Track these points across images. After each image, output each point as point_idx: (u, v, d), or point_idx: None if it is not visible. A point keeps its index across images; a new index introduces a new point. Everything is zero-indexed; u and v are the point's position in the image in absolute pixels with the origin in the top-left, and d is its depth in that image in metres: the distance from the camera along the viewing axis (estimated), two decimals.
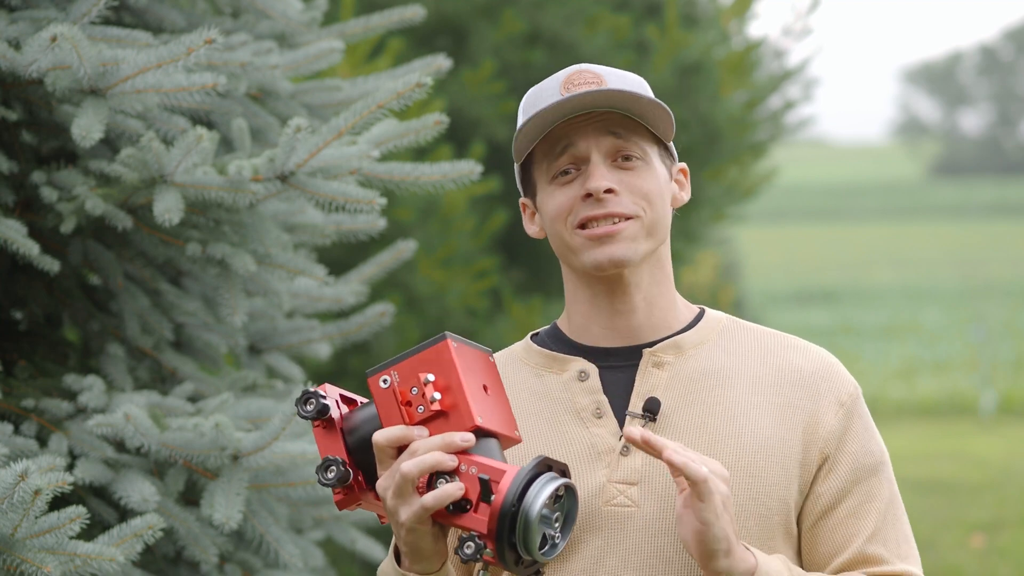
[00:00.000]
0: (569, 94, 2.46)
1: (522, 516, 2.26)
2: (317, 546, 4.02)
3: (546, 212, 2.51)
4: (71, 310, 3.97)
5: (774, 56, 10.38)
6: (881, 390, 18.16)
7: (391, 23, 4.27)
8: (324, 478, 2.35)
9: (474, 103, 8.37)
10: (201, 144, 3.59)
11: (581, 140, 2.47)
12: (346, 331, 4.30)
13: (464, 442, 2.29)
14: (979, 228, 50.96)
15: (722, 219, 10.72)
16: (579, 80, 2.48)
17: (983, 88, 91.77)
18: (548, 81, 2.52)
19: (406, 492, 2.29)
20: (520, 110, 2.54)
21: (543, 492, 2.27)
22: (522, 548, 2.27)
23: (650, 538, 2.44)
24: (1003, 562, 10.35)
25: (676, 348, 2.52)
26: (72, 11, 3.62)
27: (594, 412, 2.50)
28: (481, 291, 7.76)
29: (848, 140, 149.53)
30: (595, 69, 2.50)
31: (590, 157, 2.47)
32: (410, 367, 2.34)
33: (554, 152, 2.48)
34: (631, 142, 2.48)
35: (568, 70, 2.51)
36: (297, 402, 2.37)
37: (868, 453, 2.51)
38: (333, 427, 2.38)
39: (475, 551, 2.25)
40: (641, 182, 2.47)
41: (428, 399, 2.31)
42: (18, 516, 3.15)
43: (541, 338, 2.60)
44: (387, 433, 2.31)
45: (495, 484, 2.26)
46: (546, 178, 2.50)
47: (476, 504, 2.27)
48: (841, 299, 30.31)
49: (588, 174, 2.46)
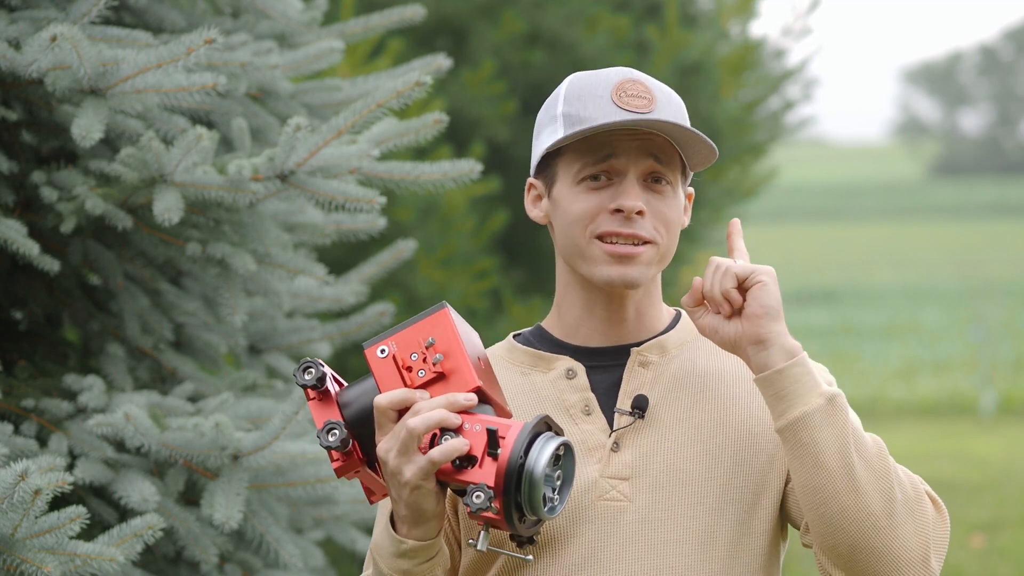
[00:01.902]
0: (625, 109, 2.47)
1: (527, 471, 2.29)
2: (317, 546, 4.02)
3: (566, 211, 2.52)
4: (71, 310, 3.97)
5: (774, 56, 10.39)
6: (881, 390, 18.16)
7: (391, 23, 4.27)
8: (326, 441, 2.37)
9: (474, 103, 8.37)
10: (201, 144, 3.59)
11: (623, 154, 2.49)
12: (346, 331, 4.30)
13: (467, 401, 2.33)
14: (979, 228, 50.97)
15: (722, 219, 10.72)
16: (632, 91, 2.49)
17: (983, 88, 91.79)
18: (597, 79, 2.52)
19: (411, 449, 2.31)
20: (562, 97, 2.52)
21: (547, 448, 2.31)
22: (526, 505, 2.30)
23: (643, 531, 2.48)
24: (1003, 562, 10.35)
25: (660, 348, 2.57)
26: (72, 11, 3.62)
27: (583, 409, 2.53)
28: (481, 291, 7.76)
29: (848, 140, 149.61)
30: (646, 81, 2.51)
31: (627, 173, 2.49)
32: (410, 335, 2.37)
33: (592, 156, 2.50)
34: (667, 167, 2.51)
35: (619, 74, 2.52)
36: (296, 371, 2.39)
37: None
38: (329, 399, 2.40)
39: (484, 500, 2.28)
40: (666, 208, 2.51)
41: (430, 361, 2.34)
42: (18, 516, 3.15)
43: (525, 338, 2.62)
44: (389, 396, 2.34)
45: (501, 439, 2.29)
46: (573, 176, 2.51)
47: (481, 459, 2.30)
48: (841, 299, 30.31)
49: (623, 191, 2.48)
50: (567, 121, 2.50)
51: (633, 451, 2.50)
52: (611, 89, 2.49)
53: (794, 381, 2.40)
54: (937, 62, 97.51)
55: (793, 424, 2.39)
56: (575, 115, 2.49)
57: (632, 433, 2.51)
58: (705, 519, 2.48)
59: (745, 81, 9.59)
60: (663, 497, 2.49)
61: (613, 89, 2.49)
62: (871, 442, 2.43)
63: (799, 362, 2.41)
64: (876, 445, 2.43)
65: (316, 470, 3.70)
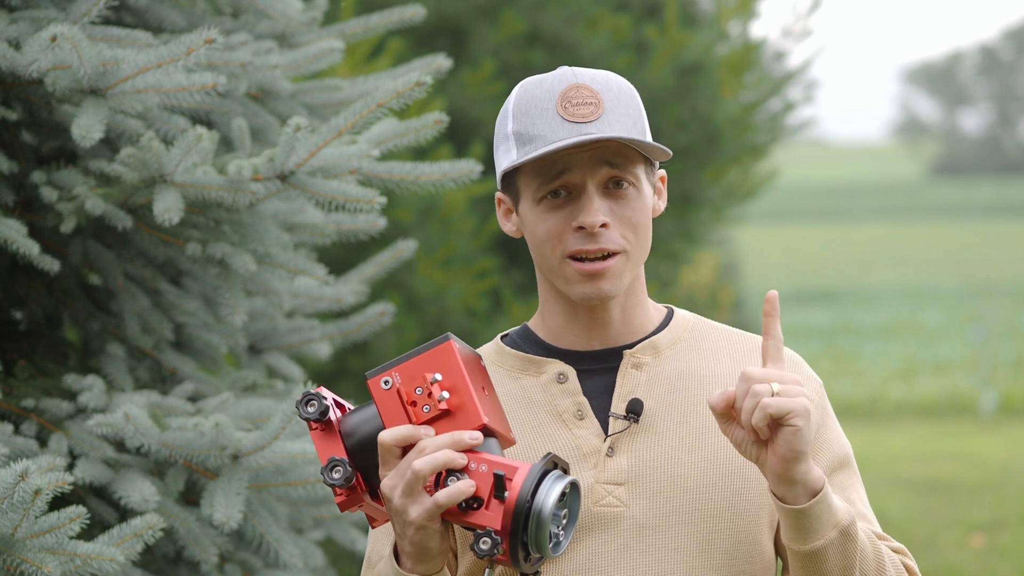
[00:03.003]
0: (571, 121, 2.42)
1: (535, 512, 2.27)
2: (317, 546, 4.02)
3: (533, 232, 2.48)
4: (71, 310, 3.97)
5: (775, 58, 10.38)
6: (881, 390, 18.15)
7: (391, 23, 4.27)
8: (330, 478, 2.35)
9: (474, 103, 8.37)
10: (201, 144, 3.59)
11: (577, 168, 2.44)
12: (346, 331, 4.30)
13: (473, 440, 2.30)
14: (979, 228, 50.96)
15: (722, 220, 10.73)
16: (577, 99, 2.44)
17: (983, 88, 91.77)
18: (541, 89, 2.46)
19: (416, 490, 2.29)
20: (511, 114, 2.48)
21: (554, 489, 2.29)
22: (532, 545, 2.28)
23: (640, 537, 2.46)
24: (1003, 562, 10.35)
25: (653, 349, 2.54)
26: (72, 11, 3.62)
27: (575, 414, 2.50)
28: (481, 291, 7.76)
29: (848, 140, 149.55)
30: (591, 84, 2.45)
31: (584, 186, 2.44)
32: (414, 367, 2.33)
33: (546, 175, 2.45)
34: (624, 169, 2.45)
35: (562, 81, 2.46)
36: (298, 404, 2.37)
37: (841, 444, 2.56)
38: (332, 429, 2.37)
39: (492, 546, 2.26)
40: (631, 212, 2.46)
41: (436, 398, 2.32)
42: (18, 516, 3.15)
43: (512, 340, 2.59)
44: (394, 432, 2.31)
45: (508, 481, 2.27)
46: (533, 195, 2.47)
47: (488, 501, 2.28)
48: (841, 299, 30.30)
49: (583, 207, 2.44)
50: (518, 140, 2.45)
51: (629, 456, 2.48)
52: (555, 100, 2.44)
53: (814, 519, 2.36)
54: (937, 62, 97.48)
55: (806, 553, 2.38)
56: (524, 133, 2.44)
57: (627, 437, 2.48)
58: (703, 526, 2.46)
59: (745, 82, 9.58)
60: (660, 503, 2.46)
61: (558, 100, 2.44)
62: (873, 558, 2.42)
63: (821, 499, 2.36)
64: (876, 560, 2.43)
65: (316, 470, 3.70)
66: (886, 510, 11.70)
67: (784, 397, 2.31)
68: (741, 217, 12.26)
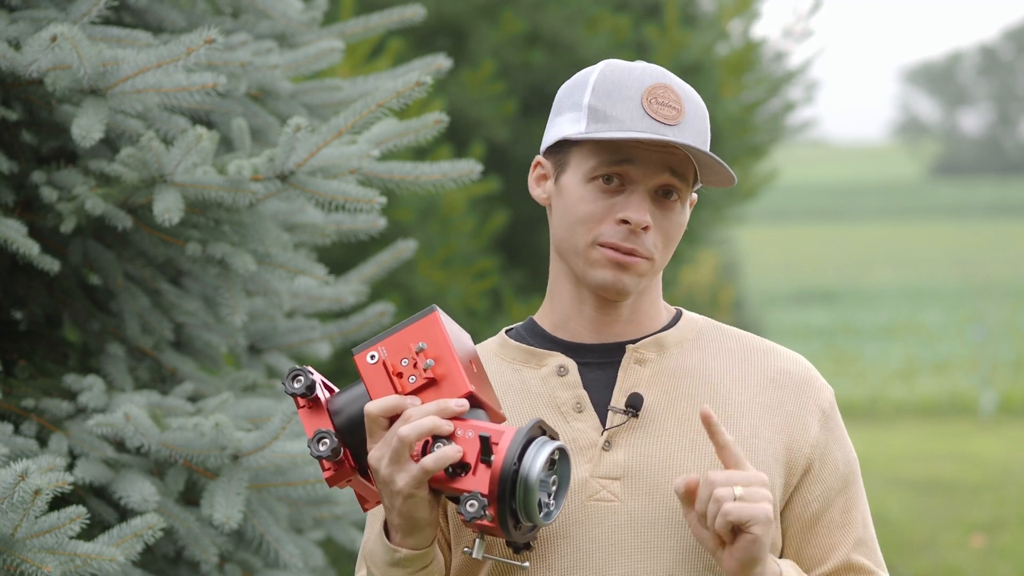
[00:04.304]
0: (653, 118, 2.42)
1: (522, 477, 2.27)
2: (317, 546, 4.02)
3: (572, 208, 2.47)
4: (71, 310, 3.97)
5: (775, 58, 10.38)
6: (881, 390, 18.15)
7: (391, 23, 4.27)
8: (316, 450, 2.34)
9: (474, 103, 8.37)
10: (201, 144, 3.59)
11: (641, 164, 2.44)
12: (346, 331, 4.30)
13: (459, 407, 2.30)
14: (979, 228, 50.96)
15: (722, 220, 10.73)
16: (663, 99, 2.44)
17: (983, 88, 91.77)
18: (630, 76, 2.46)
19: (403, 458, 2.29)
20: (591, 86, 2.46)
21: (542, 452, 2.28)
22: (521, 511, 2.28)
23: (635, 532, 2.44)
24: (1003, 562, 10.35)
25: (658, 346, 2.52)
26: (72, 11, 3.62)
27: (574, 407, 2.49)
28: (481, 291, 7.76)
29: (848, 140, 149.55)
30: (677, 89, 2.46)
31: (640, 183, 2.44)
32: (400, 340, 2.34)
33: (609, 157, 2.45)
34: (681, 181, 2.46)
35: (652, 76, 2.46)
36: (285, 379, 2.37)
37: (848, 462, 2.55)
38: (319, 406, 2.37)
39: (478, 508, 2.26)
40: (670, 225, 2.47)
41: (421, 367, 2.32)
42: (18, 516, 3.15)
43: (517, 332, 2.58)
44: (380, 403, 2.32)
45: (495, 445, 2.27)
46: (586, 172, 2.46)
47: (475, 466, 2.28)
48: (841, 299, 30.30)
49: (633, 203, 2.44)
50: (592, 115, 2.45)
51: (626, 451, 2.46)
52: (643, 92, 2.44)
53: None
54: (937, 62, 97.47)
55: None
56: (601, 111, 2.44)
57: (625, 432, 2.47)
58: None
59: (745, 82, 9.58)
60: (656, 499, 2.45)
61: (645, 93, 2.44)
62: None
63: None
64: None
65: (316, 470, 3.70)
66: (886, 510, 11.71)
67: (746, 503, 2.33)
68: (741, 217, 12.26)
